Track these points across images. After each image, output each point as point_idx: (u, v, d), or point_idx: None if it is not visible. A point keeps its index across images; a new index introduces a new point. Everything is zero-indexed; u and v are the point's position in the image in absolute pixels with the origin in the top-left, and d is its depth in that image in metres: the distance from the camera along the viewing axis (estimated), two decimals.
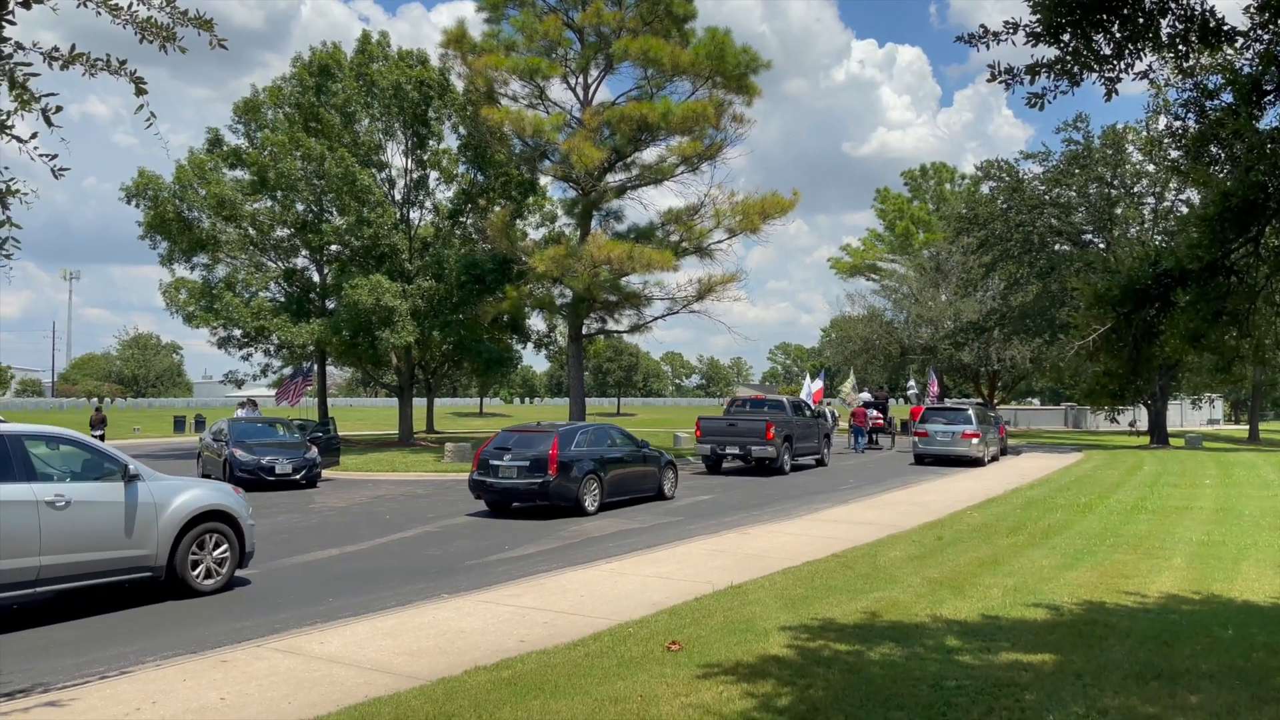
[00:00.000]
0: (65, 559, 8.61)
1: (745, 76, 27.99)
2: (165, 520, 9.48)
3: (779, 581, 9.86)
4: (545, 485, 15.81)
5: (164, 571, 9.52)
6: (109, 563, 9.03)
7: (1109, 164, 36.18)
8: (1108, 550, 11.90)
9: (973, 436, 27.98)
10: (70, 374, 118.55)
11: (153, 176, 32.87)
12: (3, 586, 8.15)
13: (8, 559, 8.15)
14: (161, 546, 9.44)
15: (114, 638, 8.26)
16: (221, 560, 10.03)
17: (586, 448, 16.82)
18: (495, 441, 16.91)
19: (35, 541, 8.37)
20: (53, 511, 8.53)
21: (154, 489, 9.52)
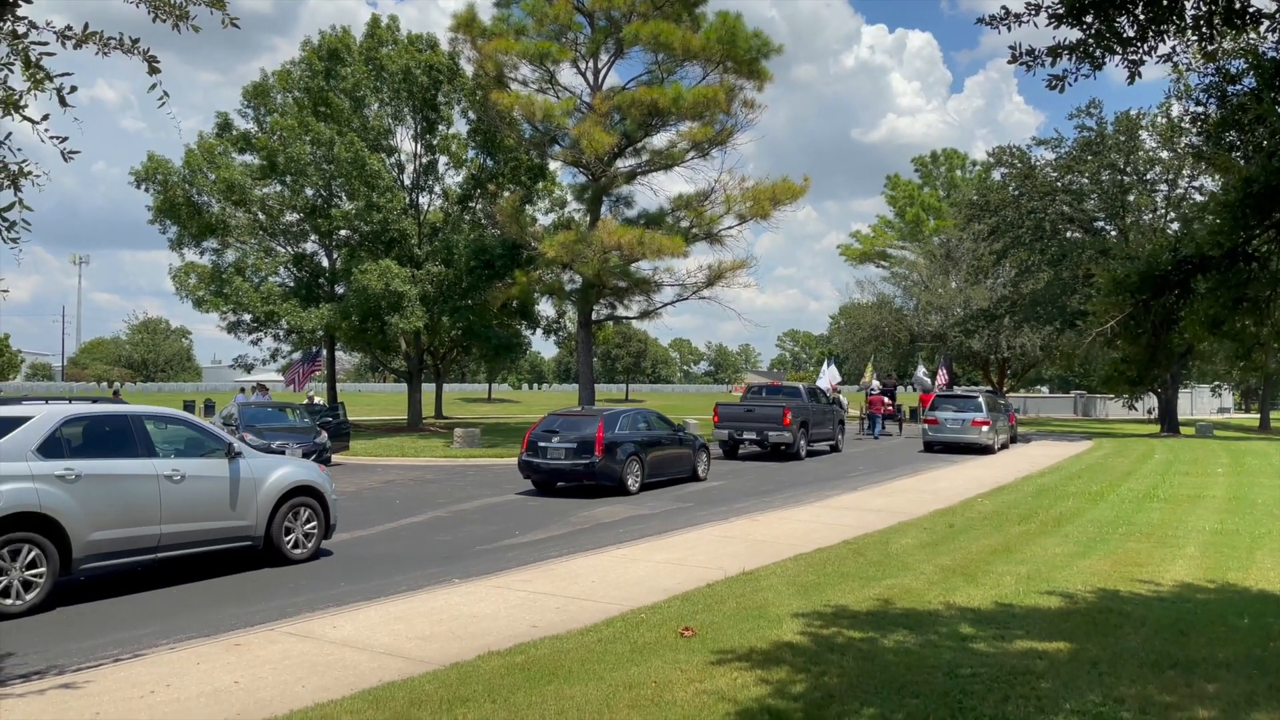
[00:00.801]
0: (181, 528, 9.56)
1: (756, 61, 27.81)
2: (263, 494, 10.39)
3: (790, 568, 9.84)
4: (591, 466, 16.63)
5: (262, 541, 10.45)
6: (216, 532, 9.97)
7: (1122, 150, 35.88)
8: (1120, 538, 11.84)
9: (983, 424, 27.89)
10: (80, 358, 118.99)
11: (162, 161, 32.90)
12: (131, 551, 9.12)
13: (135, 526, 9.12)
14: (260, 518, 10.37)
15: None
16: (310, 532, 10.96)
17: (629, 431, 17.70)
18: (542, 424, 17.76)
19: (157, 511, 9.31)
20: (170, 484, 9.45)
21: (253, 465, 10.42)
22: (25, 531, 8.29)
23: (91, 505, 8.73)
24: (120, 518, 8.99)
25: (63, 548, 8.56)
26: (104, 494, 8.87)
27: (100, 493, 8.84)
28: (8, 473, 8.28)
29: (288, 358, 39.85)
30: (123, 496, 9.02)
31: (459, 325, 34.41)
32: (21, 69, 5.92)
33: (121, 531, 9.00)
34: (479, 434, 28.80)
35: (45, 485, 8.46)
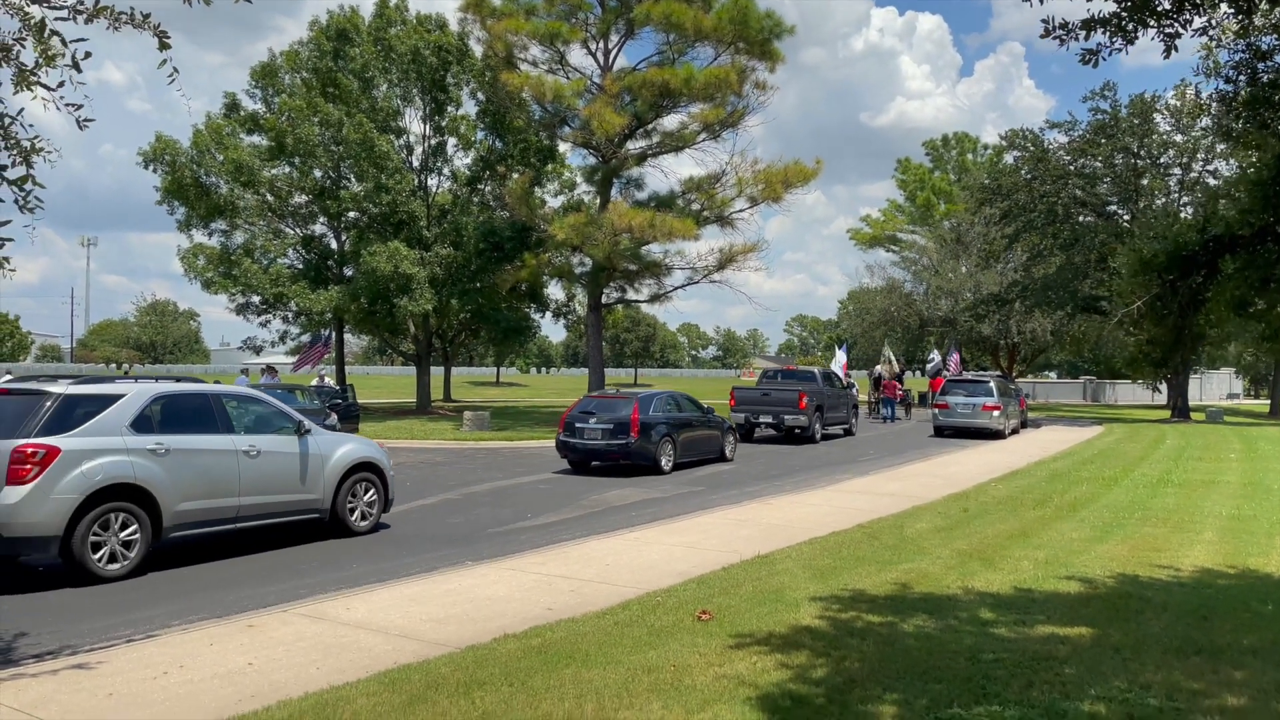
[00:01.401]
0: (257, 500, 10.15)
1: (768, 42, 27.52)
2: (330, 469, 10.98)
3: (806, 552, 9.77)
4: (627, 446, 17.28)
5: (329, 514, 11.01)
6: (288, 504, 10.57)
7: (1136, 133, 35.53)
8: (1137, 524, 11.74)
9: (994, 409, 27.76)
10: (89, 340, 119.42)
11: (170, 141, 32.78)
12: (213, 521, 9.73)
13: (217, 498, 9.72)
14: (327, 492, 10.95)
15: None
16: (371, 505, 11.52)
17: (662, 412, 18.35)
18: (579, 406, 18.52)
19: (235, 484, 9.90)
20: (248, 459, 10.02)
21: (320, 442, 11.01)
22: (121, 501, 8.84)
23: (179, 478, 9.32)
24: (204, 490, 9.59)
25: (154, 517, 9.12)
26: (189, 467, 9.46)
27: (186, 466, 9.42)
28: (105, 446, 8.81)
29: (296, 340, 39.84)
30: (206, 470, 9.62)
31: (468, 308, 34.32)
32: (34, 43, 5.83)
33: (205, 503, 9.61)
34: (488, 417, 28.76)
35: (138, 459, 9.00)
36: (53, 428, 8.64)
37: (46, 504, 8.39)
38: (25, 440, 8.45)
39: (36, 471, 8.36)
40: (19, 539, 8.35)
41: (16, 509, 8.28)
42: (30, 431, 8.54)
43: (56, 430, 8.64)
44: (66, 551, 8.56)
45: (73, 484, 8.52)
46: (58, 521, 8.44)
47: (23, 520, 8.30)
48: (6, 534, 8.28)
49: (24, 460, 8.36)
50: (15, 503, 8.28)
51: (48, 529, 8.41)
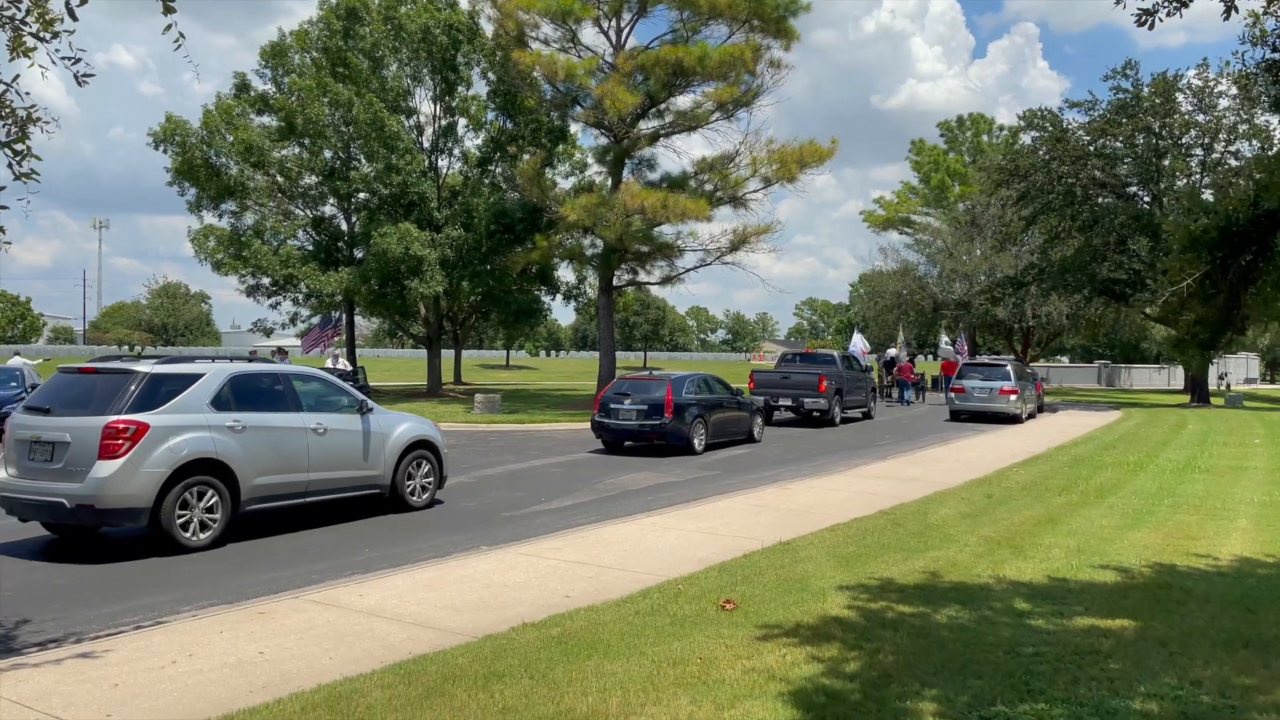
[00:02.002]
0: (324, 475, 10.56)
1: (784, 19, 27.02)
2: (390, 446, 11.37)
3: (828, 539, 9.51)
4: (662, 426, 17.69)
5: (389, 489, 11.39)
6: (352, 480, 10.97)
7: (1158, 113, 34.92)
8: (1168, 510, 11.44)
9: (1011, 393, 27.41)
10: (101, 322, 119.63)
11: (180, 122, 32.53)
12: (285, 495, 10.18)
13: (289, 473, 10.15)
14: (387, 468, 11.34)
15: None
16: (427, 482, 11.92)
17: (694, 394, 18.69)
18: (613, 388, 18.98)
19: (305, 460, 10.31)
20: (316, 436, 10.43)
21: (381, 420, 11.42)
22: (204, 475, 9.28)
23: (255, 453, 9.74)
24: (277, 465, 10.02)
25: (233, 491, 9.54)
26: (264, 443, 9.88)
27: (261, 442, 9.84)
28: (189, 423, 9.26)
29: (307, 322, 39.68)
30: (279, 446, 10.05)
31: (478, 290, 34.05)
32: (30, 3, 5.56)
33: (279, 477, 10.04)
34: (500, 400, 28.56)
35: (218, 435, 9.46)
36: (141, 405, 9.02)
37: (137, 477, 8.80)
38: (117, 417, 8.83)
39: (128, 447, 8.76)
40: (112, 510, 8.78)
41: (110, 482, 8.67)
42: (121, 409, 8.92)
43: (144, 408, 9.03)
44: (155, 523, 8.98)
45: (161, 458, 8.94)
46: (148, 494, 8.86)
47: (116, 493, 8.71)
48: (100, 505, 8.69)
49: (116, 436, 8.75)
50: (108, 476, 8.67)
51: (138, 501, 8.84)
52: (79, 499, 8.68)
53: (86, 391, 9.32)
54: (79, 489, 8.68)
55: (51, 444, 8.95)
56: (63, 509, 8.80)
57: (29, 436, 9.13)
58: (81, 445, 8.78)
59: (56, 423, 9.05)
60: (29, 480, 9.03)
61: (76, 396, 9.32)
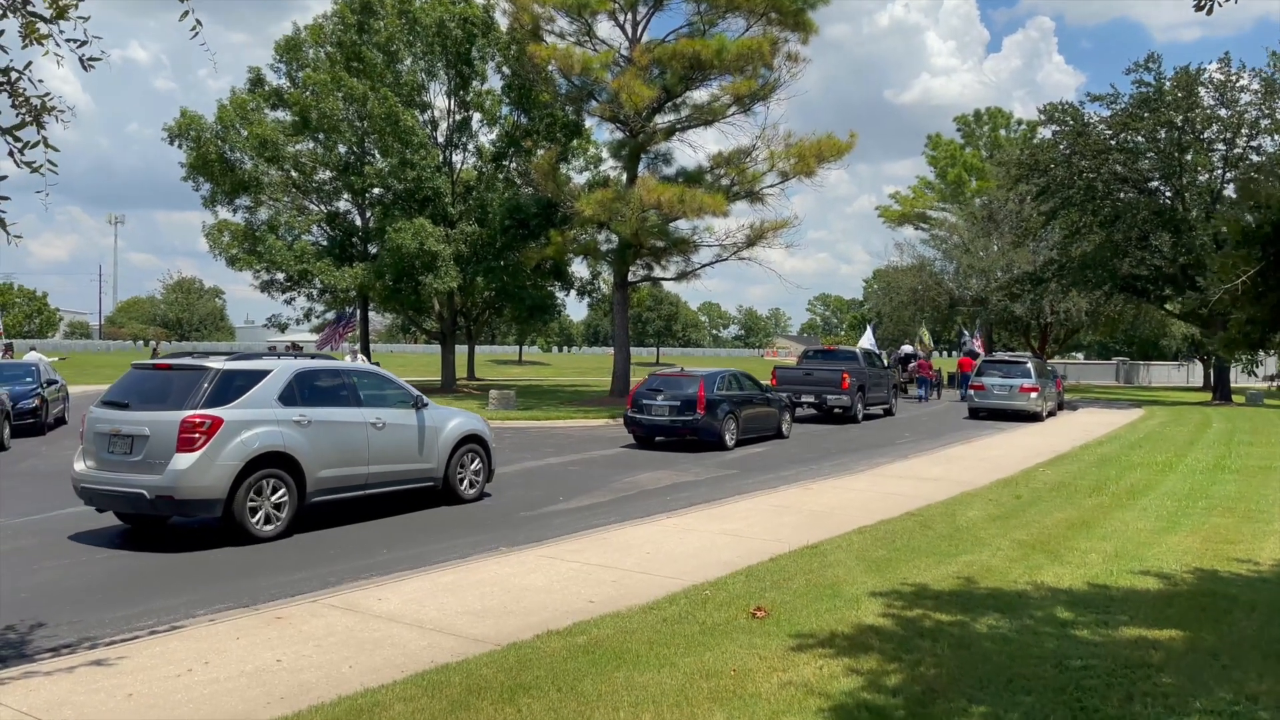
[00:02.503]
0: (383, 468, 10.86)
1: (802, 12, 26.70)
2: (443, 440, 11.65)
3: (856, 542, 9.27)
4: (695, 422, 17.97)
5: (442, 482, 11.68)
6: (408, 473, 11.26)
7: (1180, 107, 34.38)
8: (1202, 513, 11.15)
9: (1031, 391, 27.07)
10: (117, 317, 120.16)
11: (195, 116, 32.48)
12: (347, 487, 10.49)
13: (351, 466, 10.46)
14: (441, 461, 11.63)
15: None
16: (477, 475, 12.19)
17: (725, 390, 18.88)
18: (646, 384, 19.29)
19: (366, 454, 10.63)
20: (375, 431, 10.74)
21: (434, 415, 11.68)
22: (273, 468, 9.58)
23: (319, 447, 10.04)
24: (340, 458, 10.32)
25: (299, 483, 9.85)
26: (328, 437, 10.18)
27: (325, 436, 10.14)
28: (259, 418, 9.57)
29: (321, 318, 39.61)
30: (342, 440, 10.36)
31: (493, 285, 33.86)
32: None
33: (341, 470, 10.34)
34: (514, 396, 28.37)
35: (286, 429, 9.76)
36: (215, 400, 9.36)
37: (213, 470, 9.12)
38: (193, 411, 9.19)
39: (204, 440, 9.10)
40: (189, 501, 9.12)
41: (187, 474, 9.00)
42: (196, 403, 9.27)
43: (218, 403, 9.36)
44: (228, 513, 9.29)
45: (234, 451, 9.26)
46: (222, 485, 9.18)
47: (192, 484, 9.03)
48: (178, 496, 9.04)
49: (193, 430, 9.09)
50: (186, 468, 9.01)
51: (214, 492, 9.15)
52: (158, 490, 9.01)
53: (162, 387, 9.69)
54: (158, 480, 9.02)
55: (131, 437, 9.28)
56: (143, 500, 9.12)
57: (108, 430, 9.44)
58: (160, 439, 9.12)
59: (135, 417, 9.37)
60: (108, 472, 9.37)
61: (153, 391, 9.70)
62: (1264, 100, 34.05)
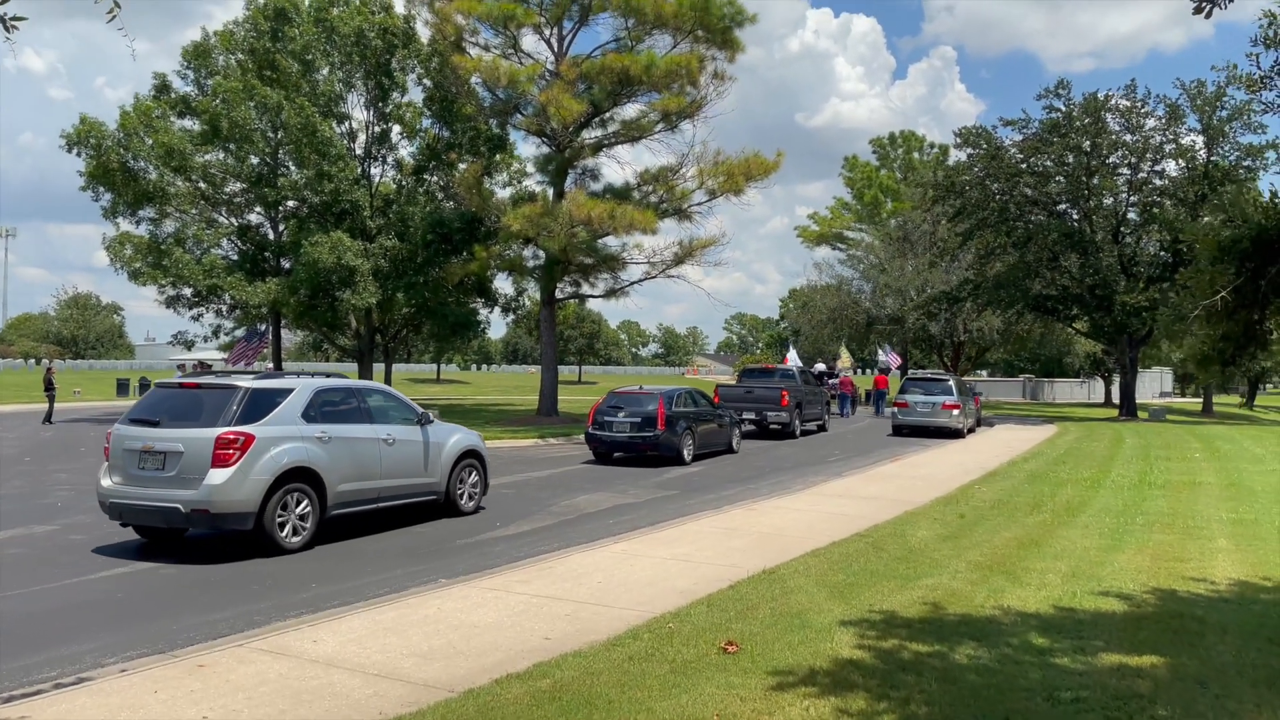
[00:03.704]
0: (393, 483, 11.31)
1: (729, 30, 26.74)
2: (445, 456, 12.15)
3: (813, 566, 8.98)
4: (655, 438, 18.48)
5: (444, 495, 12.19)
6: (414, 487, 11.71)
7: (1088, 133, 35.65)
8: (1143, 530, 11.23)
9: (953, 408, 27.48)
10: (6, 334, 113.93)
11: (95, 124, 30.79)
12: (362, 501, 10.86)
13: (366, 481, 10.87)
14: (443, 476, 12.13)
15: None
16: (475, 489, 12.74)
17: (683, 407, 19.51)
18: (606, 401, 19.71)
19: (378, 468, 11.06)
20: (386, 446, 11.18)
21: (437, 431, 12.16)
22: (298, 483, 9.95)
23: (338, 462, 10.45)
24: (357, 473, 10.73)
25: (320, 497, 10.21)
26: (346, 453, 10.59)
27: (344, 452, 10.55)
28: (286, 434, 9.94)
29: (230, 335, 38.00)
30: (358, 455, 10.77)
31: (414, 302, 32.96)
32: None
33: (358, 484, 10.74)
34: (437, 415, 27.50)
35: (310, 445, 10.15)
36: (246, 417, 9.69)
37: (246, 484, 9.47)
38: (227, 428, 9.52)
39: (238, 456, 9.44)
40: (223, 514, 9.43)
41: (222, 488, 9.34)
42: (229, 420, 9.60)
43: (249, 420, 9.70)
44: (259, 526, 9.60)
45: (265, 466, 9.61)
46: (254, 499, 9.52)
47: (227, 498, 9.37)
48: (214, 510, 9.35)
49: (228, 446, 9.43)
50: (221, 483, 9.34)
51: (246, 506, 9.49)
52: (194, 504, 9.32)
53: (193, 405, 9.98)
54: (193, 495, 9.33)
55: (164, 453, 9.55)
56: (177, 514, 9.40)
57: (139, 447, 9.67)
58: (194, 454, 9.42)
59: (167, 434, 9.63)
60: (138, 488, 9.63)
61: (184, 409, 9.95)
62: (1167, 126, 35.54)
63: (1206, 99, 34.67)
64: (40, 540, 10.68)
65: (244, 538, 9.93)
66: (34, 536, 10.89)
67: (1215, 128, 35.03)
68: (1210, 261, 5.61)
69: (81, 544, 10.47)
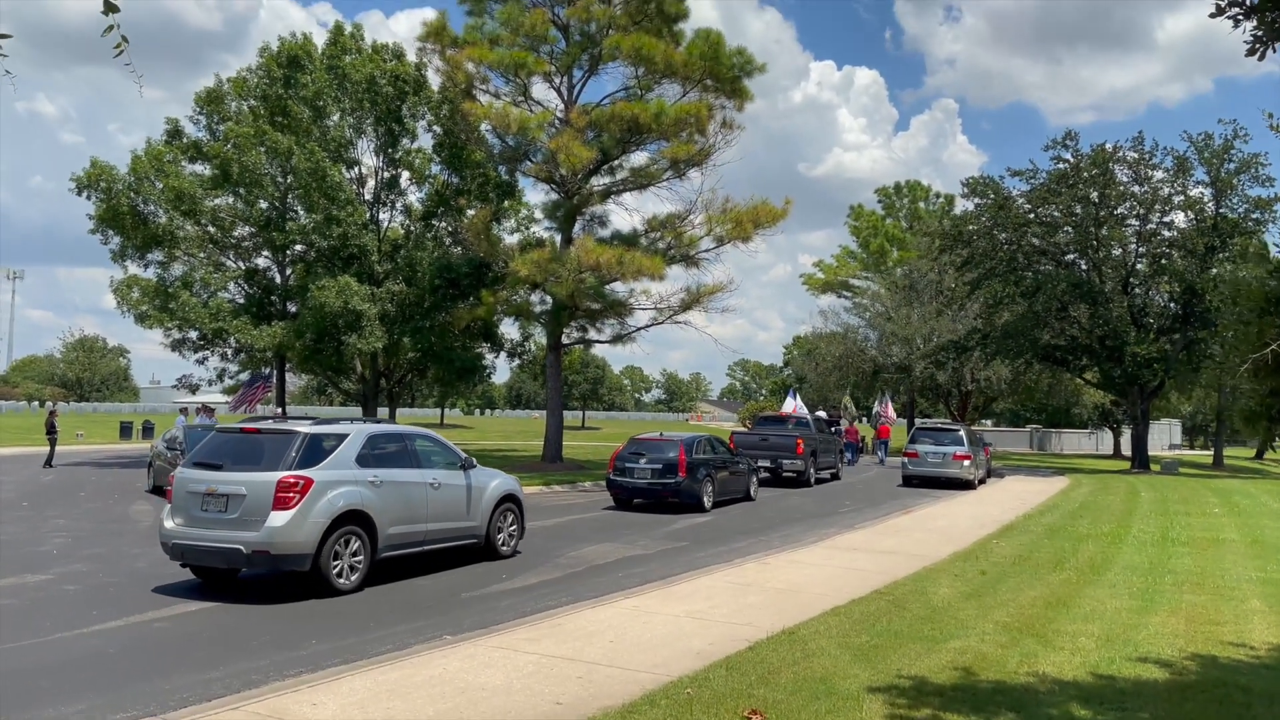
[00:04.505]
0: (438, 526, 11.60)
1: (738, 80, 26.87)
2: (485, 500, 12.45)
3: (833, 625, 8.62)
4: (677, 485, 18.67)
5: (484, 539, 12.44)
6: (457, 530, 12.01)
7: (1096, 184, 35.68)
8: (1172, 590, 10.84)
9: (964, 458, 27.08)
10: (11, 376, 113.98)
11: (106, 167, 30.90)
12: (410, 544, 11.18)
13: (414, 524, 11.17)
14: (484, 520, 12.42)
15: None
16: (513, 534, 13.04)
17: (703, 455, 19.61)
18: (627, 448, 19.80)
19: (425, 512, 11.35)
20: (432, 490, 11.48)
21: (477, 475, 12.44)
22: (352, 525, 10.25)
23: (389, 505, 10.73)
24: (406, 516, 11.02)
25: (372, 539, 10.49)
26: (396, 496, 10.90)
27: (394, 496, 10.86)
28: (342, 478, 10.28)
29: (235, 378, 37.78)
30: (407, 499, 11.07)
31: (419, 346, 32.77)
32: None
33: (406, 527, 11.05)
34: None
35: (363, 489, 10.48)
36: (305, 462, 10.04)
37: (305, 526, 9.76)
38: (288, 472, 9.85)
39: (298, 499, 9.75)
40: (283, 555, 9.70)
41: (283, 530, 9.64)
42: (289, 465, 9.94)
43: (308, 464, 10.04)
44: (315, 567, 9.86)
45: (323, 509, 9.93)
46: (312, 541, 9.81)
47: (287, 540, 9.66)
48: (274, 551, 9.63)
49: (289, 489, 9.75)
50: (282, 525, 9.64)
51: (305, 547, 9.77)
52: (255, 545, 9.59)
53: (254, 449, 10.27)
54: (255, 536, 9.60)
55: (226, 496, 9.83)
56: (239, 555, 9.65)
57: (202, 489, 9.96)
58: (256, 497, 9.71)
59: (230, 477, 9.93)
60: (201, 529, 9.88)
61: (246, 453, 10.25)
62: (1175, 178, 35.57)
63: (1214, 151, 34.78)
64: (33, 590, 10.35)
65: (299, 579, 10.07)
66: (26, 586, 10.57)
67: (1224, 180, 35.09)
68: (1258, 313, 5.34)
69: (75, 595, 10.15)
